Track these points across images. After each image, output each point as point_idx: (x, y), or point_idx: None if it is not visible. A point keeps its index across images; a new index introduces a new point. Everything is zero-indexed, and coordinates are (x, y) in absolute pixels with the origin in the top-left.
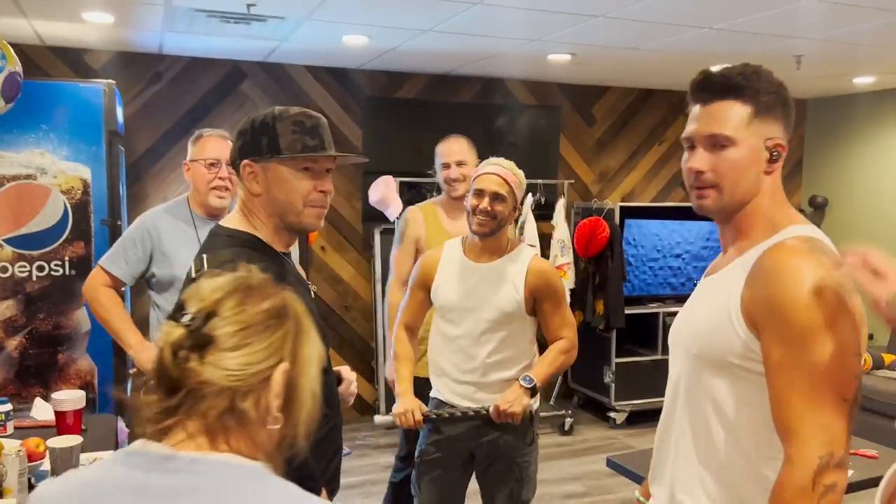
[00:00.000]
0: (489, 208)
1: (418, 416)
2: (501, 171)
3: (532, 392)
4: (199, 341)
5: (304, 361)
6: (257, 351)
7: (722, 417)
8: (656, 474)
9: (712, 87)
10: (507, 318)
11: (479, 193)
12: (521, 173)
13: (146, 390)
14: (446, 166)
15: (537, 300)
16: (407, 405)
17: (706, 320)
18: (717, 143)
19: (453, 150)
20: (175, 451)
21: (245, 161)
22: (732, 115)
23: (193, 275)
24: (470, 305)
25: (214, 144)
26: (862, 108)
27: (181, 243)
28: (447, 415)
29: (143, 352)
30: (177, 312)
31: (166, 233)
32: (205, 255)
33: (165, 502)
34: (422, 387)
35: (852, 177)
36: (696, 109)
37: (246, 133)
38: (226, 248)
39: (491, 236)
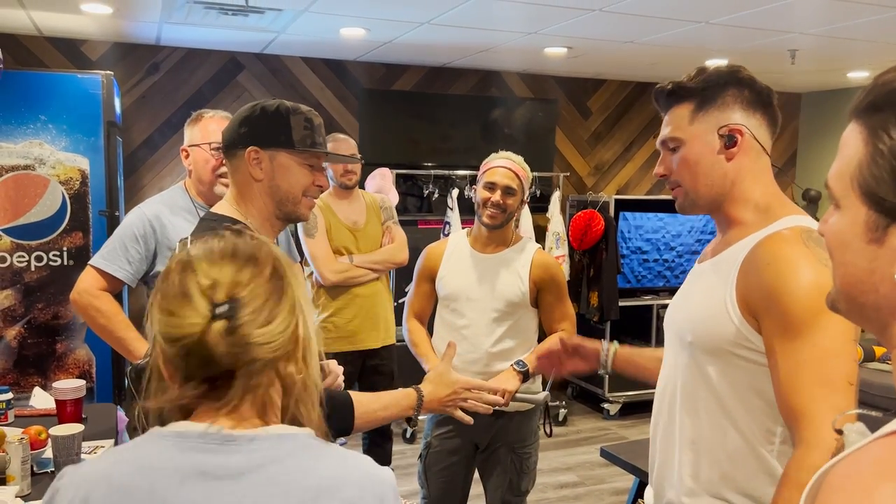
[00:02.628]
0: (501, 201)
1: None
2: (513, 166)
3: (524, 376)
4: (237, 326)
5: (305, 305)
6: (283, 316)
7: (718, 402)
8: (663, 463)
9: (660, 100)
10: (512, 308)
11: (491, 187)
12: (528, 168)
13: (163, 384)
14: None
15: (540, 291)
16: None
17: (700, 308)
18: (671, 146)
19: (346, 145)
20: (232, 432)
21: (252, 147)
22: (678, 117)
23: None
24: (476, 295)
25: (219, 126)
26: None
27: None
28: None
29: None
30: (189, 300)
31: (171, 226)
32: (189, 238)
33: (231, 482)
34: (351, 361)
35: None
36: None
37: (255, 120)
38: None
39: (500, 229)
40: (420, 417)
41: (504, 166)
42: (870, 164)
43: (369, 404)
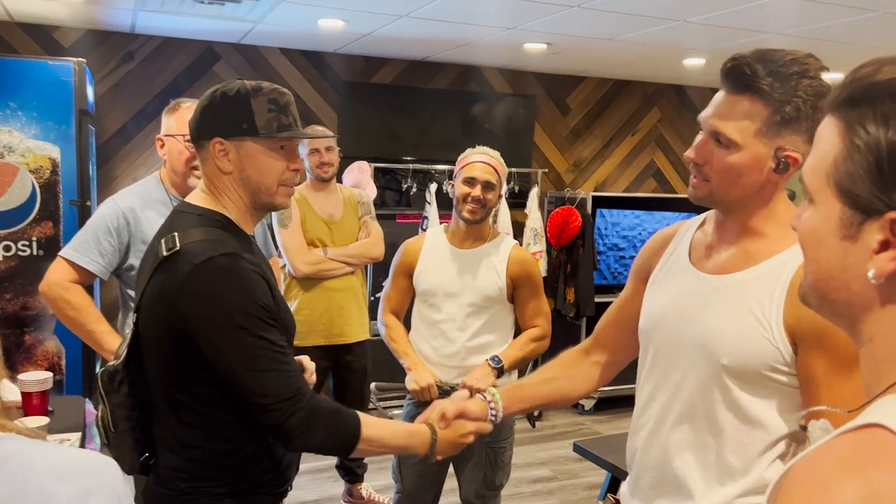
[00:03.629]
0: (481, 196)
1: (435, 392)
2: (491, 161)
3: (499, 372)
4: None
5: None
6: None
7: (744, 422)
8: (657, 474)
9: (737, 79)
10: (488, 303)
11: (471, 182)
12: (504, 163)
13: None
14: (316, 152)
15: (516, 287)
16: (427, 379)
17: (736, 331)
18: (720, 140)
19: (322, 135)
20: None
21: (216, 138)
22: (743, 115)
23: (164, 253)
24: (453, 290)
25: None
26: None
27: None
28: (449, 388)
29: None
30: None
31: (145, 218)
32: (176, 234)
33: None
34: (324, 356)
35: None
36: (718, 94)
37: (216, 108)
38: (195, 227)
39: (479, 223)
40: (396, 412)
41: (483, 161)
42: (845, 160)
43: (378, 429)
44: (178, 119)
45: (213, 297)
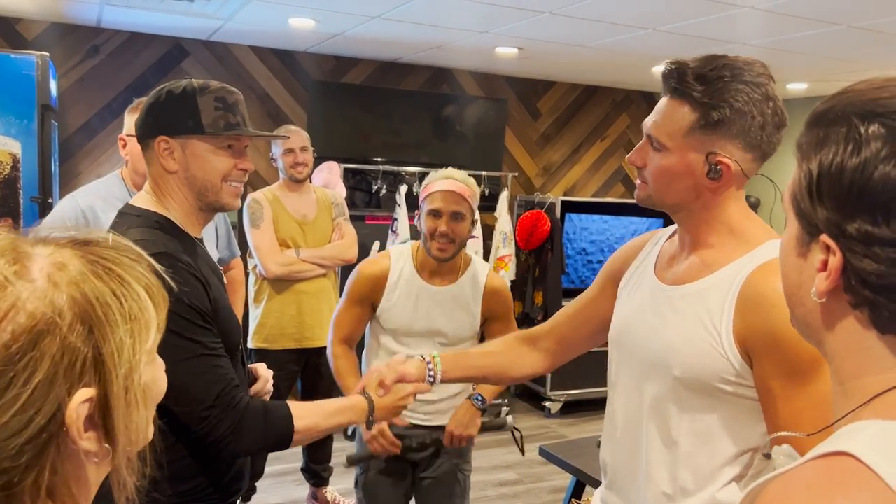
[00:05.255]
0: (448, 231)
1: (393, 439)
2: (457, 186)
3: (483, 411)
4: None
5: (115, 365)
6: (16, 407)
7: (696, 434)
8: (623, 483)
9: (670, 82)
10: (461, 340)
11: (436, 214)
12: (474, 182)
13: None
14: (290, 152)
15: (488, 319)
16: (378, 427)
17: (687, 343)
18: (654, 144)
19: (298, 137)
20: None
21: (161, 137)
22: (676, 120)
23: None
24: (425, 330)
25: None
26: (794, 113)
27: None
28: (413, 441)
29: None
30: None
31: (104, 217)
32: (110, 236)
33: None
34: (294, 359)
35: (784, 178)
36: (661, 99)
37: (161, 106)
38: (132, 227)
39: (451, 260)
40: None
41: (448, 189)
42: (798, 180)
43: (310, 416)
44: None
45: None
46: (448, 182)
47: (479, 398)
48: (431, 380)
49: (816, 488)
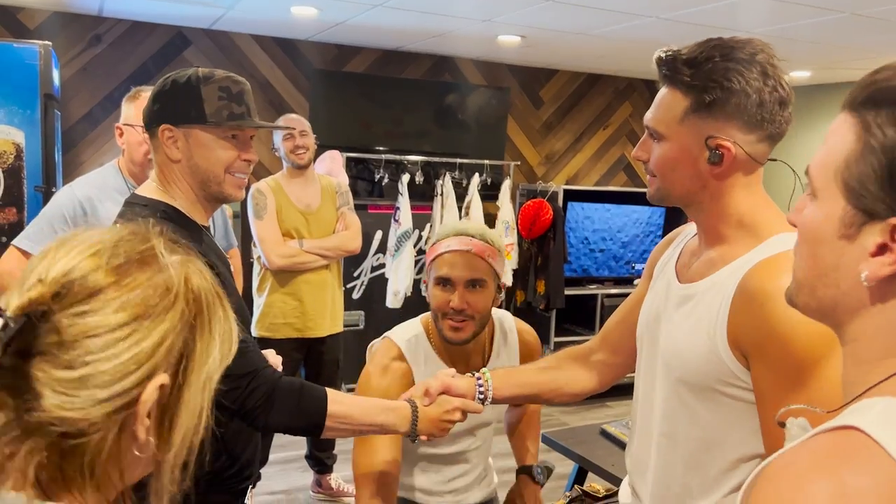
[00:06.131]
0: (463, 307)
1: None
2: (474, 245)
3: (542, 485)
4: (22, 349)
5: (199, 367)
6: (113, 366)
7: (699, 438)
8: (637, 477)
9: (661, 71)
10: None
11: (445, 283)
12: (495, 235)
13: None
14: (290, 136)
15: None
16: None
17: (688, 342)
18: (653, 135)
19: (296, 122)
20: None
21: (165, 125)
22: (671, 108)
23: None
24: (469, 427)
25: None
26: (797, 101)
27: None
28: None
29: None
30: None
31: (103, 208)
32: (118, 225)
33: None
34: (297, 348)
35: (785, 169)
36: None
37: (166, 95)
38: (141, 217)
39: (471, 341)
40: None
41: (461, 249)
42: (858, 160)
43: (348, 404)
44: (137, 108)
45: None
46: (461, 240)
47: (539, 471)
48: (482, 397)
49: (823, 461)
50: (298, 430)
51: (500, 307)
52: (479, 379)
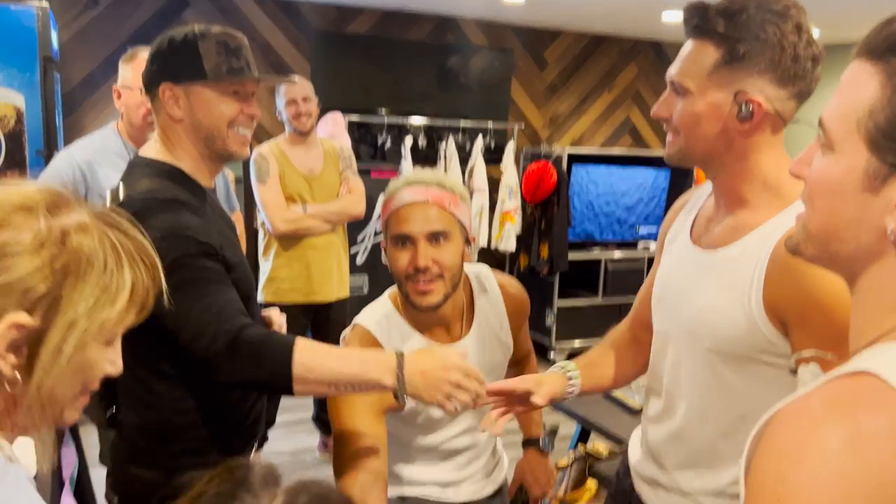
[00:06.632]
0: (429, 264)
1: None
2: (432, 194)
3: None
4: None
5: (64, 315)
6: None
7: (734, 408)
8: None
9: (690, 23)
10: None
11: (403, 241)
12: (456, 183)
13: None
14: (293, 102)
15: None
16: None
17: (721, 313)
18: (677, 89)
19: (299, 87)
20: None
21: (165, 84)
22: (699, 61)
23: (108, 204)
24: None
25: None
26: None
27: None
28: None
29: None
30: None
31: (102, 171)
32: (121, 184)
33: None
34: (303, 313)
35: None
36: (684, 45)
37: (164, 54)
38: (143, 178)
39: (445, 303)
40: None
41: (416, 201)
42: (884, 108)
43: (319, 354)
44: (135, 69)
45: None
46: (414, 190)
47: (546, 442)
48: (571, 391)
49: (837, 405)
50: (263, 383)
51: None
52: (570, 377)
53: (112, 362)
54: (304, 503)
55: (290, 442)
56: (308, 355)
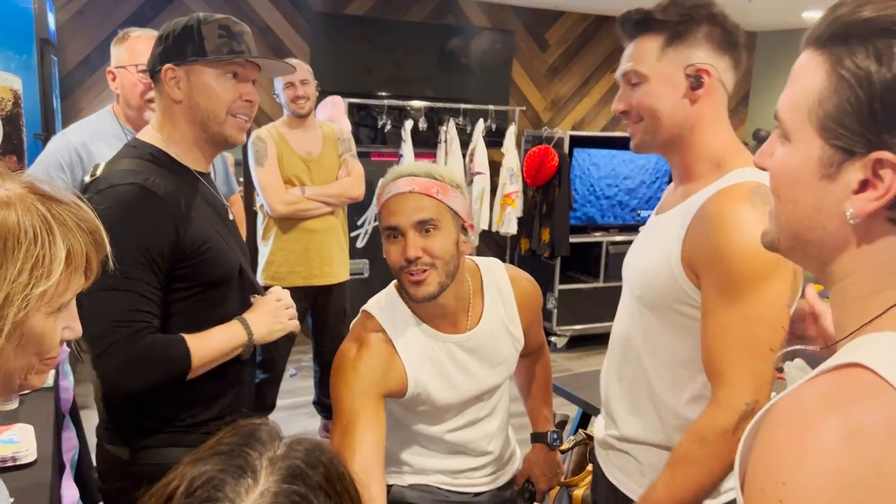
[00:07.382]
0: (419, 253)
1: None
2: (419, 184)
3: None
4: None
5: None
6: None
7: (654, 356)
8: (607, 401)
9: (628, 26)
10: (504, 382)
11: (393, 232)
12: (448, 171)
13: None
14: (291, 85)
15: (527, 331)
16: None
17: (649, 263)
18: (632, 81)
19: (298, 69)
20: None
21: (167, 65)
22: (646, 51)
23: (87, 179)
24: (470, 393)
25: (147, 46)
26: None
27: None
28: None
29: None
30: None
31: (99, 154)
32: (102, 164)
33: None
34: (304, 296)
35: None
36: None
37: (168, 37)
38: (126, 157)
39: (443, 292)
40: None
41: (402, 192)
42: (832, 96)
43: (205, 345)
44: (128, 49)
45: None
46: (402, 182)
47: (554, 437)
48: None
49: (831, 399)
50: (157, 385)
51: (507, 258)
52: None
53: (69, 328)
54: (302, 449)
55: (291, 426)
56: (195, 348)
